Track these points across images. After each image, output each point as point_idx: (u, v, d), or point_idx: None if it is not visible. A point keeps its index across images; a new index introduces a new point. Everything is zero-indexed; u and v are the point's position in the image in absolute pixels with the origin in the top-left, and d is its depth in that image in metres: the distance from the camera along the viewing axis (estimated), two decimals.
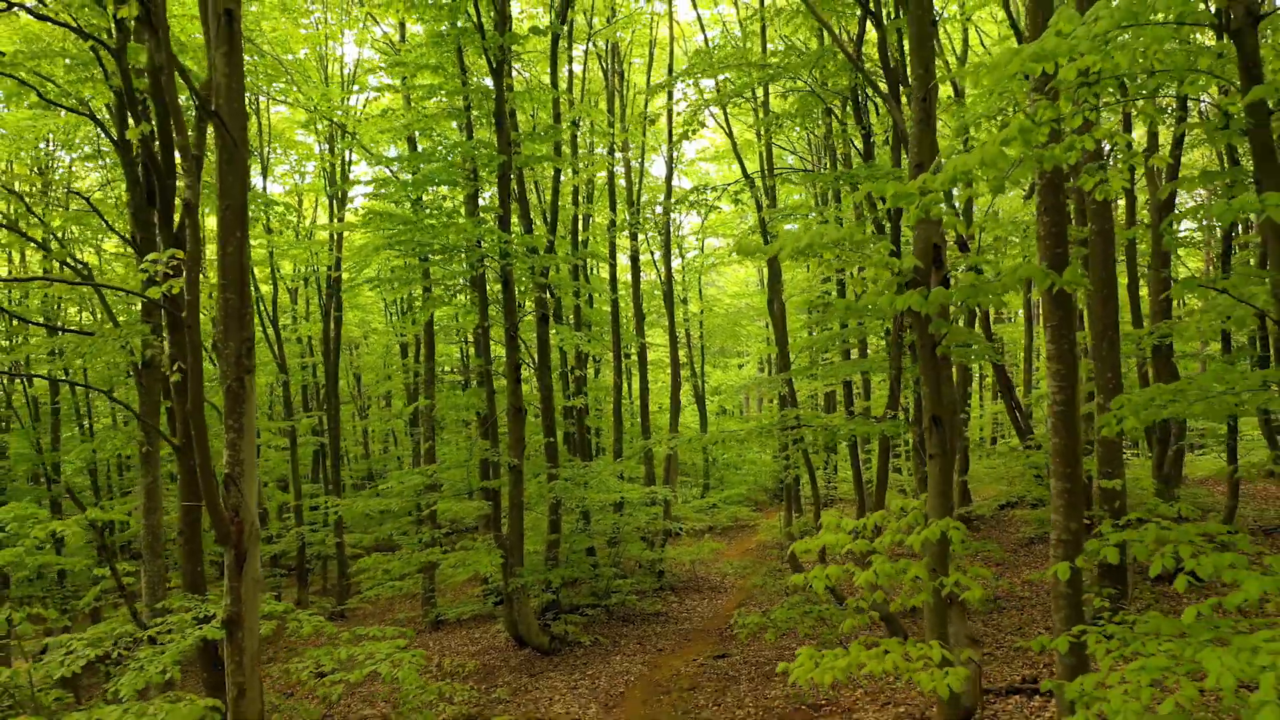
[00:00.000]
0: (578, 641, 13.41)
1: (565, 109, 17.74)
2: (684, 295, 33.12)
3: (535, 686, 11.51)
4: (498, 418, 14.74)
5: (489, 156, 12.81)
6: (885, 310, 6.21)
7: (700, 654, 12.33)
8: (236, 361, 7.34)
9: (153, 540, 11.14)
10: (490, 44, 12.34)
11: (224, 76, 7.34)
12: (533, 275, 14.00)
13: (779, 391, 17.31)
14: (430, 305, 15.73)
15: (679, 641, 13.38)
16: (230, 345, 7.38)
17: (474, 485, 18.94)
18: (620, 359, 20.20)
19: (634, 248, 20.16)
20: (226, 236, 7.36)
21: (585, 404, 19.51)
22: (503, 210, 13.03)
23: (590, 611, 14.75)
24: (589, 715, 10.20)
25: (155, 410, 11.89)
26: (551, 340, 15.64)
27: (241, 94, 7.57)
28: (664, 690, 10.75)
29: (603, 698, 10.76)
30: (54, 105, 11.79)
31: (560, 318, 19.14)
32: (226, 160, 7.37)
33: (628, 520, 16.52)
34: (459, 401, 17.23)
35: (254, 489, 7.51)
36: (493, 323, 15.35)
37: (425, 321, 17.34)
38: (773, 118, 13.88)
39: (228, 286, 7.34)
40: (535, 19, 17.80)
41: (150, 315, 11.98)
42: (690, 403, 30.97)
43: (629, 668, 12.03)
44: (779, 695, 9.70)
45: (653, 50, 22.88)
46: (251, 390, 7.52)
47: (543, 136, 13.96)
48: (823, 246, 5.28)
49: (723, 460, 31.07)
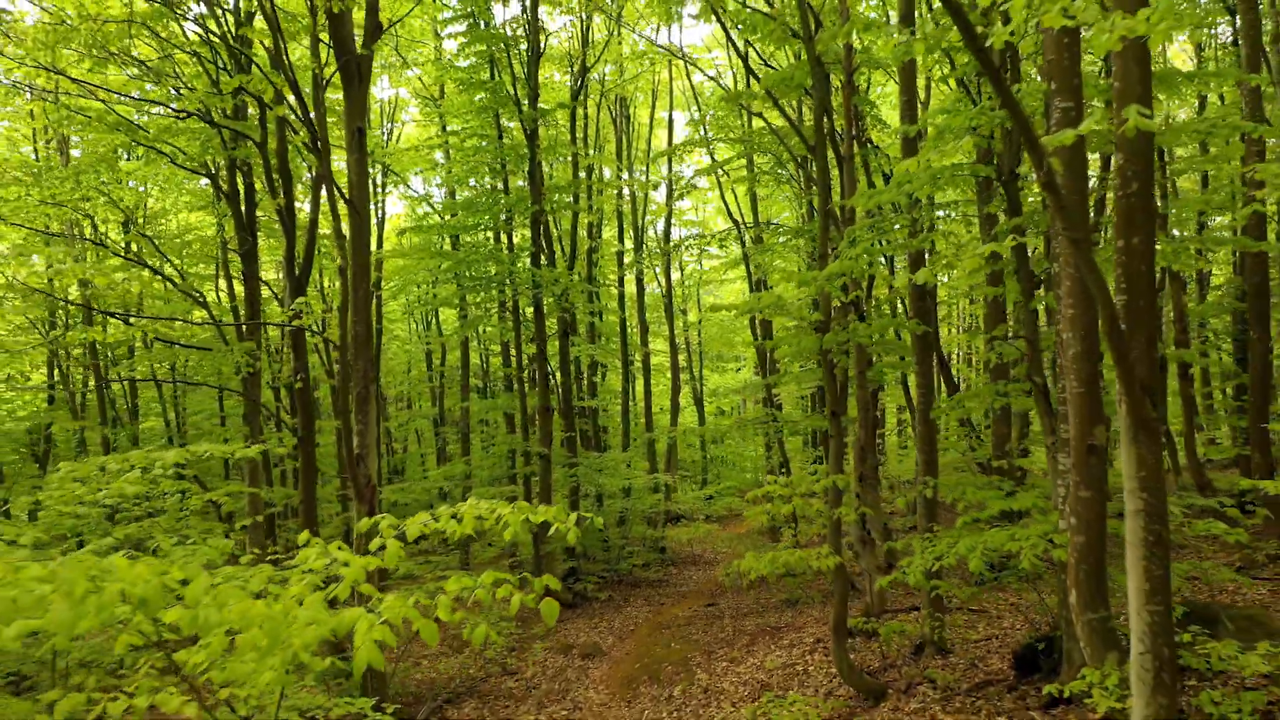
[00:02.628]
0: (595, 598, 16.52)
1: (580, 152, 20.83)
2: (684, 306, 36.18)
3: (563, 628, 14.62)
4: (530, 416, 17.84)
5: (524, 205, 15.93)
6: (811, 344, 9.25)
7: (694, 605, 15.42)
8: (364, 374, 10.48)
9: (253, 509, 14.26)
10: (525, 117, 15.46)
11: (355, 174, 10.50)
12: (557, 300, 17.11)
13: (761, 395, 20.39)
14: (468, 326, 18.85)
15: (677, 598, 16.47)
16: (359, 363, 10.52)
17: (502, 474, 22.04)
18: (627, 365, 23.32)
19: (638, 270, 23.25)
20: (357, 284, 10.49)
21: (597, 405, 22.62)
22: (534, 248, 16.15)
23: (604, 576, 17.84)
24: (607, 643, 13.33)
25: (255, 410, 15.08)
26: (570, 352, 18.74)
27: (366, 187, 10.73)
28: (665, 627, 13.85)
29: (617, 633, 13.89)
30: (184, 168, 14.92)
31: (575, 330, 22.23)
32: (357, 232, 10.50)
33: (634, 504, 19.61)
34: (496, 404, 20.27)
35: (374, 463, 10.62)
36: (509, 336, 18.47)
37: (461, 339, 20.48)
38: (754, 176, 16.90)
39: (358, 321, 10.48)
40: (558, 84, 20.89)
41: (253, 334, 15.18)
42: (690, 404, 34.00)
43: (637, 615, 15.14)
44: (753, 625, 12.80)
45: (655, 92, 26.06)
46: (373, 395, 10.64)
47: (564, 188, 17.08)
48: (761, 308, 8.38)
49: (718, 457, 34.12)
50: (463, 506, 4.01)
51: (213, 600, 2.71)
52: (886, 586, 9.11)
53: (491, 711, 10.78)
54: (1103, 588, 5.74)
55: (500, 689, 11.71)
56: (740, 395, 36.28)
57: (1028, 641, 7.43)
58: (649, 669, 11.47)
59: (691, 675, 10.78)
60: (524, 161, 16.03)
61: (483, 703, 11.19)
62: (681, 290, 36.82)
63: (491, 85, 15.74)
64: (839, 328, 8.40)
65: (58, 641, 2.54)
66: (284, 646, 2.62)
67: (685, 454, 33.27)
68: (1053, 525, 6.53)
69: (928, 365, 8.87)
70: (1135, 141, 4.84)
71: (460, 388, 21.60)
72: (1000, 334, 8.17)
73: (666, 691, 10.38)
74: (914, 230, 8.22)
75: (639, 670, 11.54)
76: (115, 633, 3.60)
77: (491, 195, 16.99)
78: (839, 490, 8.18)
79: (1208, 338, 14.85)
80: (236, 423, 21.03)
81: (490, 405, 20.74)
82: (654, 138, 27.05)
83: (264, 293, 16.97)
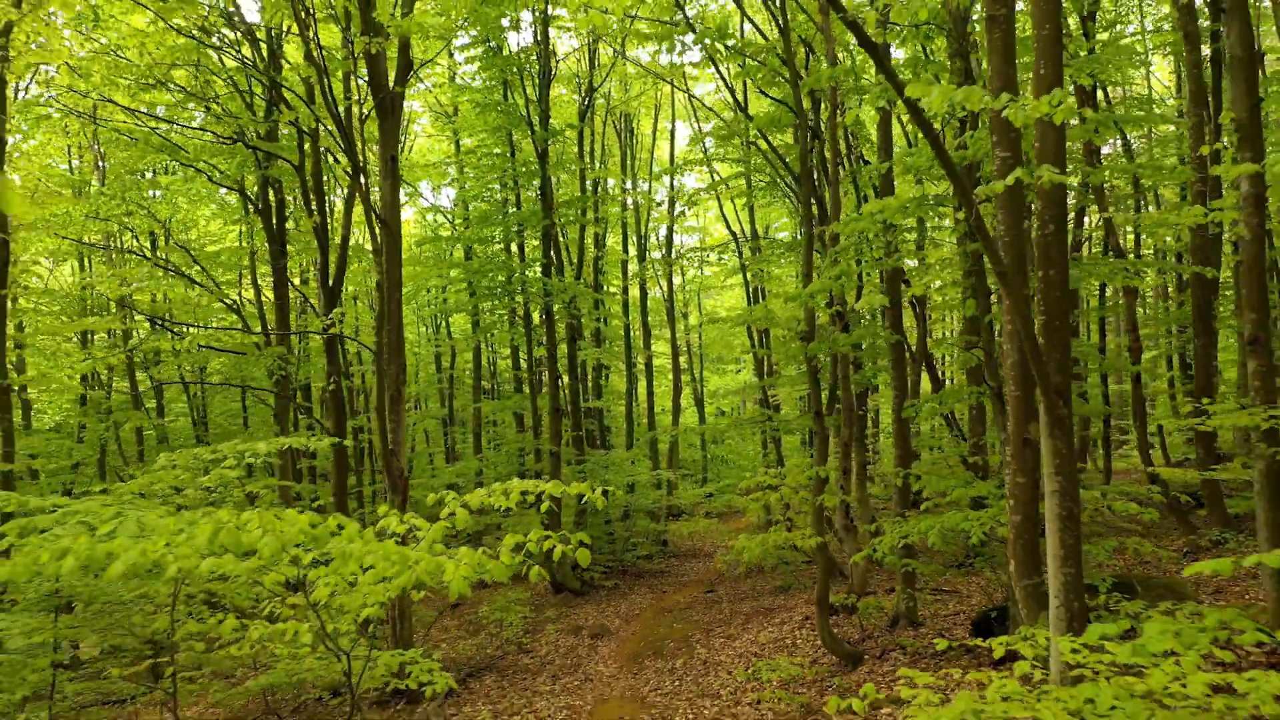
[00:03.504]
0: (602, 585, 17.64)
1: (587, 166, 21.96)
2: (685, 310, 37.30)
3: (573, 612, 15.73)
4: (540, 416, 18.95)
5: (536, 219, 17.05)
6: (796, 351, 10.34)
7: (694, 592, 16.53)
8: (396, 377, 11.60)
9: (284, 502, 15.36)
10: (537, 138, 16.58)
11: (389, 195, 11.63)
12: (565, 307, 18.23)
13: (759, 396, 21.51)
14: (482, 331, 19.99)
15: (678, 586, 17.58)
16: (392, 367, 11.64)
17: (512, 471, 23.16)
18: (630, 368, 24.43)
19: (641, 279, 24.36)
20: (389, 297, 11.61)
21: (602, 406, 23.75)
22: (545, 259, 17.27)
23: (610, 566, 18.95)
24: (614, 625, 14.44)
25: (285, 409, 16.21)
26: (577, 356, 19.87)
27: (398, 208, 11.85)
28: (667, 611, 14.97)
29: (623, 616, 15.00)
30: (220, 184, 16.07)
31: (581, 335, 23.37)
32: (390, 248, 11.60)
33: (638, 500, 20.73)
34: (509, 404, 21.39)
35: (405, 456, 11.72)
36: (520, 340, 19.61)
37: (473, 344, 21.61)
38: (751, 192, 18.00)
39: (391, 330, 11.60)
40: (567, 100, 22.02)
41: (283, 340, 16.30)
42: (691, 405, 35.12)
43: (641, 601, 16.25)
44: (748, 608, 13.90)
45: (658, 105, 27.18)
46: (403, 396, 11.74)
47: (573, 203, 18.21)
48: (753, 320, 9.49)
49: (718, 456, 35.21)
50: (513, 483, 5.11)
51: (347, 538, 3.84)
52: (862, 563, 10.22)
53: (510, 683, 11.89)
54: (1036, 558, 6.84)
55: (517, 665, 12.82)
56: (739, 396, 37.30)
57: (983, 611, 8.54)
58: (653, 646, 12.59)
59: (692, 650, 11.89)
60: (535, 178, 17.15)
61: (502, 676, 12.30)
62: (683, 295, 37.97)
63: (505, 107, 16.86)
64: (822, 338, 9.51)
65: (251, 566, 3.65)
66: (409, 571, 3.72)
67: (686, 453, 34.38)
68: (1001, 509, 7.64)
69: (901, 369, 9.97)
70: (1051, 192, 5.95)
71: (471, 389, 22.74)
72: (959, 344, 9.28)
73: (669, 664, 11.49)
74: (888, 251, 9.32)
75: (644, 647, 12.66)
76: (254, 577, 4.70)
77: (504, 209, 18.11)
78: (823, 480, 9.29)
79: (1173, 343, 15.97)
80: (255, 422, 22.18)
81: (501, 405, 21.85)
82: (656, 148, 28.19)
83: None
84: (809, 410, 22.79)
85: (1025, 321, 5.67)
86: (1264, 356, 6.05)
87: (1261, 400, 6.03)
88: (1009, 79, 6.74)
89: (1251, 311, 6.05)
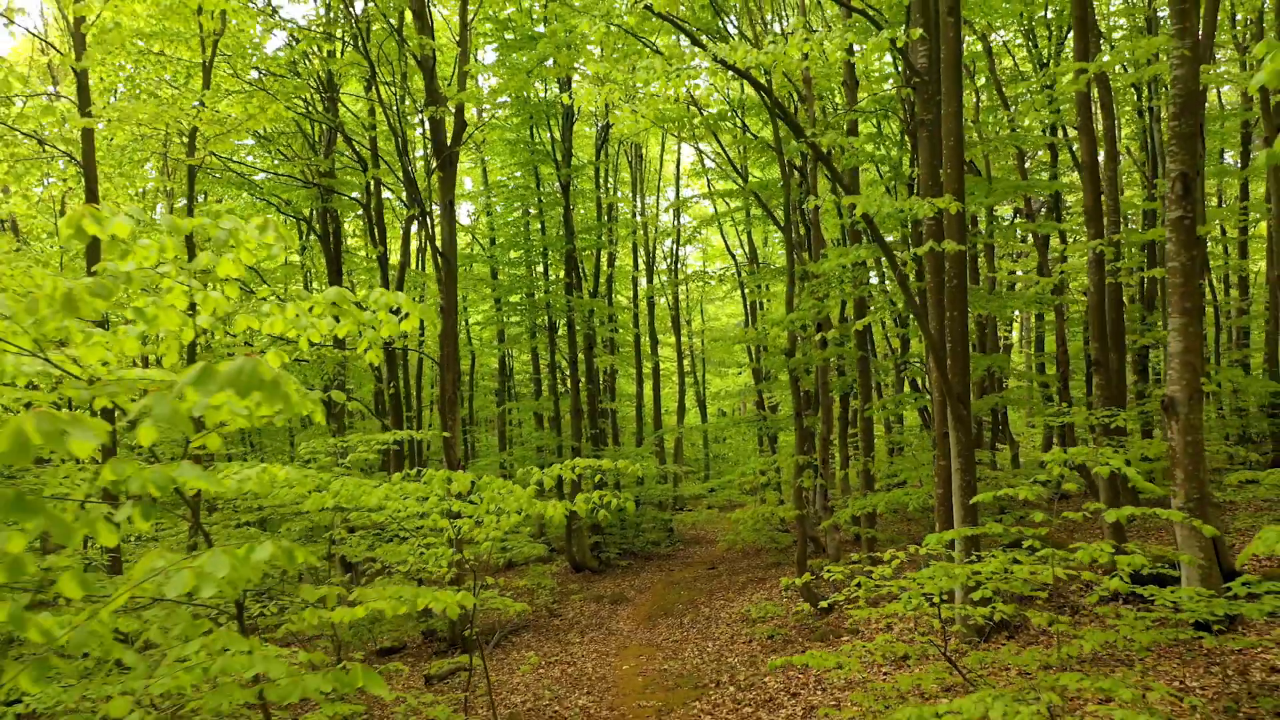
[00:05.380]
0: (617, 565, 20.08)
1: (602, 193, 24.43)
2: (688, 317, 39.76)
3: (593, 586, 18.17)
4: (561, 416, 21.41)
5: (560, 244, 19.49)
6: (780, 363, 12.74)
7: (698, 570, 18.97)
8: (452, 383, 14.02)
9: None
10: (560, 174, 19.03)
11: (448, 233, 14.05)
12: (584, 320, 20.67)
13: (756, 398, 23.95)
14: (510, 343, 22.43)
15: (684, 566, 20.02)
16: (448, 375, 14.06)
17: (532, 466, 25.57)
18: (640, 372, 26.86)
19: (650, 291, 26.82)
20: (448, 315, 14.04)
21: (613, 407, 26.20)
22: (568, 279, 19.71)
23: (623, 549, 21.39)
24: (630, 594, 16.89)
25: (342, 410, 18.62)
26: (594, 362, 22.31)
27: (454, 241, 14.27)
28: (676, 583, 17.40)
29: (638, 588, 17.45)
30: (287, 214, 18.52)
31: (594, 343, 25.84)
32: (449, 277, 14.01)
33: (647, 492, 23.16)
34: (534, 406, 23.85)
35: (458, 449, 14.13)
36: (543, 349, 22.05)
37: (500, 354, 24.06)
38: (749, 220, 20.44)
39: (448, 343, 14.03)
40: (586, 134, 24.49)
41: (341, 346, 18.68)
42: (694, 406, 37.53)
43: (652, 577, 18.69)
44: (744, 579, 16.34)
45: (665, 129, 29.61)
46: (458, 398, 14.17)
47: (592, 228, 20.67)
48: (746, 340, 11.91)
49: (720, 455, 37.64)
50: (555, 468, 7.52)
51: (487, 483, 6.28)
52: (836, 535, 12.64)
53: (545, 637, 14.33)
54: (950, 519, 9.27)
55: (549, 625, 15.26)
56: (740, 398, 39.62)
57: None
58: (664, 608, 15.03)
59: (697, 610, 14.34)
60: (557, 205, 19.62)
61: (537, 633, 14.74)
62: (687, 303, 40.53)
63: (532, 145, 19.30)
64: (802, 354, 11.94)
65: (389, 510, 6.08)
66: (529, 507, 6.13)
67: (690, 452, 36.83)
68: (932, 486, 10.05)
69: (867, 377, 12.38)
70: (955, 256, 8.38)
71: (496, 392, 25.22)
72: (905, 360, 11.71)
73: (678, 621, 13.93)
74: (855, 284, 11.71)
75: (657, 610, 15.10)
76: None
77: (526, 235, 20.59)
78: (801, 466, 11.72)
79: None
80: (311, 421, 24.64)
81: (523, 406, 24.31)
82: (664, 166, 30.65)
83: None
84: (808, 410, 25.36)
85: (937, 350, 8.11)
86: (1103, 373, 8.47)
87: (1100, 405, 8.46)
88: (934, 169, 9.19)
89: (1095, 340, 8.46)
